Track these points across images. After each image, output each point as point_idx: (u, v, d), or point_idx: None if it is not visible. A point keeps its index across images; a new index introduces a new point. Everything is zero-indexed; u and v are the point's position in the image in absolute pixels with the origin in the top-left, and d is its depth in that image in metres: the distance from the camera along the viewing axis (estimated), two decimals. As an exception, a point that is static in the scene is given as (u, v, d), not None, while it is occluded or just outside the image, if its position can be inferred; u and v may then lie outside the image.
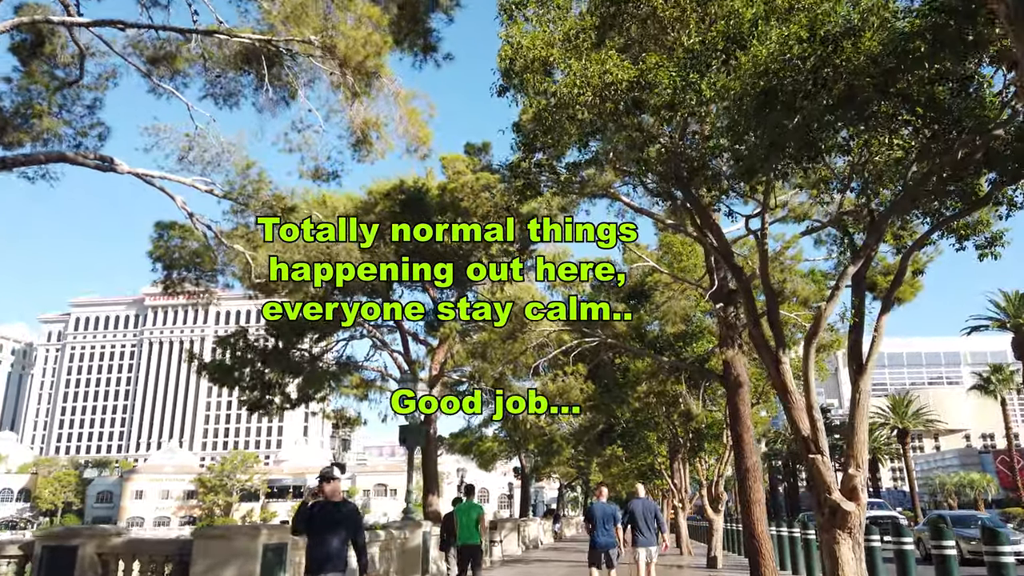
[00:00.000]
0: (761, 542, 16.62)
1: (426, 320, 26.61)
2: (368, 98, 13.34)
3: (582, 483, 66.99)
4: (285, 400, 25.50)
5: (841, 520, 9.05)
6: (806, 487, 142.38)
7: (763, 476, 23.58)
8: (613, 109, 8.46)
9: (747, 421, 17.13)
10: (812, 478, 9.39)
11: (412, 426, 18.09)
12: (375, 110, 13.69)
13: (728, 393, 17.49)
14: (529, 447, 43.81)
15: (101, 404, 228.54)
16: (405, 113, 14.02)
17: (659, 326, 23.54)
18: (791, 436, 73.21)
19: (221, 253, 16.19)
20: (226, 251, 15.57)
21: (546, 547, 41.01)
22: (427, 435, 28.88)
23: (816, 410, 9.33)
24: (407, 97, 14.39)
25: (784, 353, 9.85)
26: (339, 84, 13.47)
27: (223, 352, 26.70)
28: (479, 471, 53.24)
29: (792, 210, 16.42)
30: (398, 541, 16.68)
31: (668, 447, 33.78)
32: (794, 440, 9.87)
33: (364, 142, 13.77)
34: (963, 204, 9.99)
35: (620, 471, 46.57)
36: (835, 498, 9.07)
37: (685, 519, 33.47)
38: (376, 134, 13.84)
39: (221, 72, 14.15)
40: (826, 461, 9.25)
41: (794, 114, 8.18)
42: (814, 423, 9.31)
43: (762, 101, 7.91)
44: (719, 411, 27.40)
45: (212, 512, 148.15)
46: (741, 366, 17.36)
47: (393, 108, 13.80)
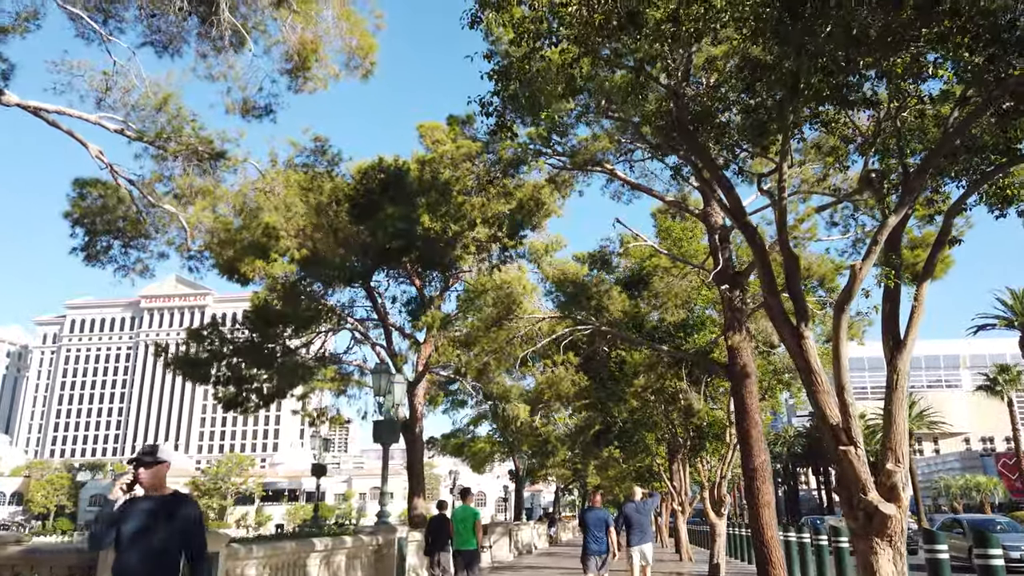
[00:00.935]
0: (771, 549, 15.03)
1: (408, 309, 24.99)
2: (307, 17, 11.55)
3: (579, 486, 65.45)
4: (259, 396, 23.87)
5: (879, 526, 7.47)
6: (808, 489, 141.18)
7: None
8: (602, 23, 6.89)
9: (755, 415, 15.53)
10: (842, 475, 7.81)
11: (387, 421, 16.49)
12: (314, 32, 11.84)
13: (733, 384, 15.89)
14: (523, 448, 42.24)
15: (96, 407, 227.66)
16: (341, 14, 11.97)
17: (658, 316, 21.94)
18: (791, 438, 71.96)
19: (150, 216, 14.24)
20: (157, 214, 13.72)
21: (540, 552, 39.35)
22: (414, 434, 27.31)
23: (848, 392, 7.74)
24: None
25: (807, 327, 8.26)
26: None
27: (196, 346, 25.09)
28: (475, 474, 51.59)
29: (805, 180, 14.81)
30: (369, 548, 15.06)
31: (667, 448, 32.39)
32: (816, 429, 8.21)
33: (301, 68, 11.93)
34: (1008, 158, 8.49)
35: (618, 473, 45.37)
36: (872, 499, 7.49)
37: (685, 523, 31.90)
38: (316, 59, 11.98)
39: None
40: (860, 454, 7.66)
41: (825, 24, 6.63)
42: (846, 408, 7.72)
43: (787, 3, 6.34)
44: (721, 409, 25.87)
45: (207, 515, 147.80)
46: (748, 355, 15.77)
47: (327, 13, 11.85)
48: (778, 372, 22.07)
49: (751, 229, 9.03)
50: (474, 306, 17.56)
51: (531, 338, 17.06)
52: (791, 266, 8.57)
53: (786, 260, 8.62)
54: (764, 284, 8.72)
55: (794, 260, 8.62)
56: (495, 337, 16.55)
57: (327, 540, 12.73)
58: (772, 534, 15.10)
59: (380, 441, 16.44)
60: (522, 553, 35.52)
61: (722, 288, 15.44)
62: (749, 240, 8.93)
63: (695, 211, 16.98)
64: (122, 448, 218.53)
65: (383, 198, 21.40)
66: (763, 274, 8.72)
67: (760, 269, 8.74)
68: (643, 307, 19.71)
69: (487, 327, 16.90)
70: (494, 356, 16.69)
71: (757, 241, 8.81)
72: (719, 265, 15.68)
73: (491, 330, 16.73)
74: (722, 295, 15.95)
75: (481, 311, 16.71)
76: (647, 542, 14.33)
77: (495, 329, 16.72)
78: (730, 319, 15.62)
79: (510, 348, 16.76)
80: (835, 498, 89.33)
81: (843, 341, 7.76)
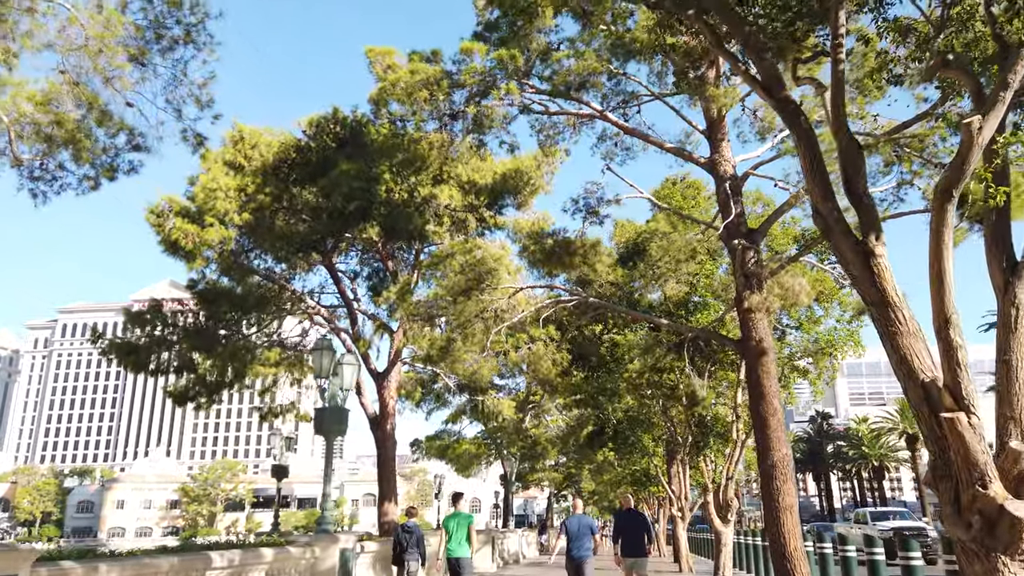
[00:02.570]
0: (795, 563, 12.21)
1: (370, 284, 22.15)
2: None
3: (573, 492, 62.70)
4: (203, 386, 20.97)
5: (1008, 536, 4.72)
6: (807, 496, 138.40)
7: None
8: None
9: (774, 400, 12.75)
10: (942, 458, 5.05)
11: (331, 409, 13.66)
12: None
13: (747, 362, 13.11)
14: (512, 451, 39.41)
15: (88, 412, 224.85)
16: None
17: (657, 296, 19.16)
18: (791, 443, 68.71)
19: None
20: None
21: (528, 562, 36.47)
22: (385, 431, 24.47)
23: (957, 329, 4.98)
24: None
25: (879, 240, 5.53)
26: None
27: (139, 330, 22.27)
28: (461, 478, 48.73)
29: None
30: (303, 562, 12.25)
31: (665, 448, 29.76)
32: (908, 401, 5.42)
33: None
34: None
35: (612, 478, 42.88)
36: (994, 494, 4.74)
37: (685, 530, 29.14)
38: None
39: None
40: (975, 424, 4.90)
41: None
42: (951, 353, 4.98)
43: None
44: (725, 404, 23.15)
45: (196, 522, 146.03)
46: (765, 327, 12.98)
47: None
48: (794, 357, 19.26)
49: (791, 106, 6.27)
50: (438, 274, 14.91)
51: (506, 312, 14.28)
52: (852, 158, 5.83)
53: (844, 150, 5.88)
54: (813, 182, 5.95)
55: (857, 149, 5.87)
56: (462, 310, 13.79)
57: (233, 554, 9.85)
58: (796, 544, 12.29)
59: (322, 432, 13.63)
60: (507, 563, 32.65)
61: (735, 243, 12.67)
62: (790, 121, 6.19)
63: (700, 159, 14.23)
64: (113, 454, 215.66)
65: (338, 154, 18.65)
66: (812, 168, 5.97)
67: (807, 162, 5.99)
68: (638, 280, 16.92)
69: (454, 298, 14.13)
70: (461, 332, 13.95)
71: (801, 121, 6.05)
72: (731, 216, 12.91)
73: (458, 302, 13.97)
74: (733, 255, 13.20)
75: (447, 279, 13.99)
76: (641, 555, 13.61)
77: (462, 300, 13.95)
78: (743, 284, 12.84)
79: (481, 324, 13.99)
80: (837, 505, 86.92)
81: (947, 246, 5.00)
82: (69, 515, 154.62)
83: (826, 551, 17.35)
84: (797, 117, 6.09)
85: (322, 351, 13.65)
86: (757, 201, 19.82)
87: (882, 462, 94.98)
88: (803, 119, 6.09)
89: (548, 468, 52.25)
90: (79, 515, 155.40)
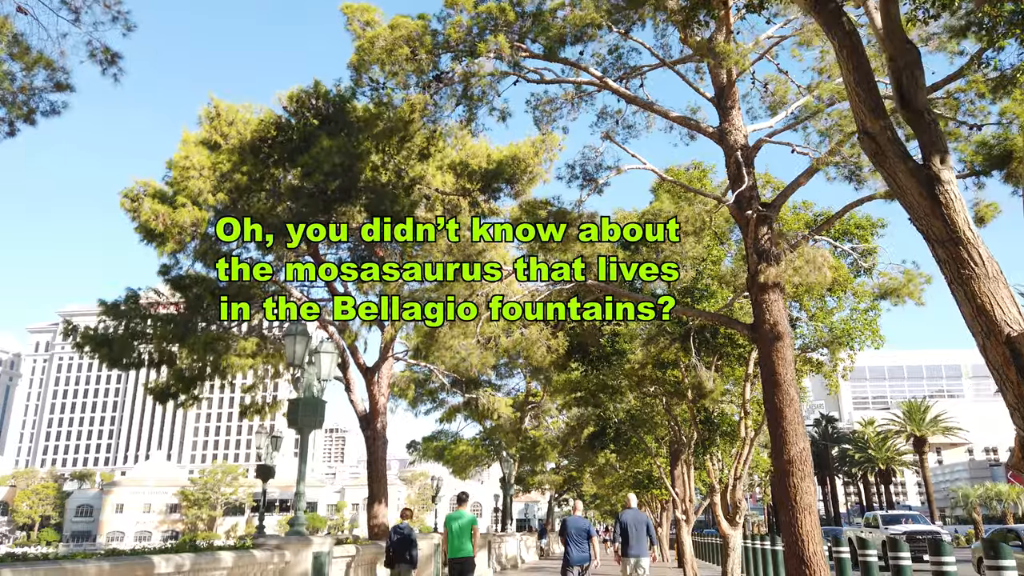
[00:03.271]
0: (814, 568, 11.03)
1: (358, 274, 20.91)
2: None
3: (575, 495, 61.60)
4: (178, 379, 19.78)
5: None
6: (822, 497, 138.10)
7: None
8: None
9: (790, 389, 11.57)
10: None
11: (305, 400, 12.50)
12: None
13: (761, 349, 11.92)
14: (510, 452, 38.25)
15: (89, 415, 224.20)
16: None
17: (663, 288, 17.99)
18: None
19: None
20: None
21: (527, 566, 35.26)
22: (375, 430, 23.31)
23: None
24: None
25: (944, 163, 4.39)
26: None
27: (115, 322, 21.09)
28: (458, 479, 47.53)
29: None
30: (270, 567, 11.06)
31: (669, 449, 28.62)
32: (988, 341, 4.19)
33: None
34: None
35: (614, 480, 41.80)
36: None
37: (689, 533, 27.97)
38: None
39: None
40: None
41: None
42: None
43: None
44: (732, 401, 21.99)
45: (195, 526, 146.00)
46: (780, 309, 11.81)
47: None
48: (807, 349, 18.05)
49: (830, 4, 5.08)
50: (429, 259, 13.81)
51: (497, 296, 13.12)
52: (909, 66, 4.67)
53: (898, 59, 4.72)
54: (861, 99, 4.79)
55: (915, 56, 4.71)
56: (449, 290, 12.66)
57: (183, 559, 8.63)
58: (816, 548, 11.11)
59: (295, 425, 12.47)
60: (505, 568, 31.42)
61: (747, 214, 11.50)
62: (828, 25, 5.00)
63: (708, 128, 13.07)
64: (114, 458, 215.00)
65: (320, 131, 17.48)
66: (857, 79, 4.80)
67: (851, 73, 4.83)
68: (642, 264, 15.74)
69: (441, 281, 13.00)
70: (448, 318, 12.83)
71: (843, 23, 4.88)
72: (743, 186, 11.73)
73: (444, 284, 12.83)
74: (745, 230, 12.03)
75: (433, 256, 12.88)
76: (644, 554, 13.72)
77: (449, 283, 12.82)
78: (756, 261, 11.66)
79: (470, 306, 12.83)
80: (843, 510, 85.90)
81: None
82: (68, 519, 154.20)
83: (843, 556, 16.22)
84: (838, 18, 4.95)
85: (295, 336, 12.45)
86: (767, 184, 18.70)
87: (889, 465, 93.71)
88: (845, 20, 4.95)
89: (548, 471, 51.21)
90: (78, 519, 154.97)
